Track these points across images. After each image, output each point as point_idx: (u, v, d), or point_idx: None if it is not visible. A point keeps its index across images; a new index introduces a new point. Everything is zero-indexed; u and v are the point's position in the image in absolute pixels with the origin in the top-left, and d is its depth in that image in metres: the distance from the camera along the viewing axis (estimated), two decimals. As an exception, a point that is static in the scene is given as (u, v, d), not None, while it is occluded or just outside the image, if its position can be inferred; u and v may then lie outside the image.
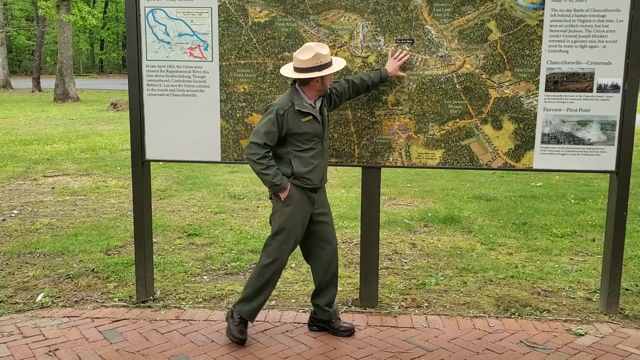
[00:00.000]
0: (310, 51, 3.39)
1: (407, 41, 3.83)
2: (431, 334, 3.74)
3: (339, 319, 3.80)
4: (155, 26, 3.98)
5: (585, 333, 3.74)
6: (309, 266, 4.90)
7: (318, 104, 3.55)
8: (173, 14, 3.95)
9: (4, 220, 6.36)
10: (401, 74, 3.82)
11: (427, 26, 3.81)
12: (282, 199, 3.50)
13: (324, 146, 3.57)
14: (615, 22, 3.72)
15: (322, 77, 3.44)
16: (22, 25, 40.05)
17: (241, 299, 3.65)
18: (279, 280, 4.56)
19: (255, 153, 3.40)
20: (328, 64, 3.43)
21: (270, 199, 3.61)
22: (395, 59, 3.79)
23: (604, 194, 7.25)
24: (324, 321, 3.77)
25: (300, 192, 3.51)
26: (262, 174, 3.43)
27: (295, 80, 3.52)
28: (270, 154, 3.46)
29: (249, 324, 3.71)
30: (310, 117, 3.46)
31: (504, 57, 3.80)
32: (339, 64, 3.52)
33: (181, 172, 9.11)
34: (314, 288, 3.79)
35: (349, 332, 3.72)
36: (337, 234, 5.81)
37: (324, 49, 3.43)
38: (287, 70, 3.51)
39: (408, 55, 3.82)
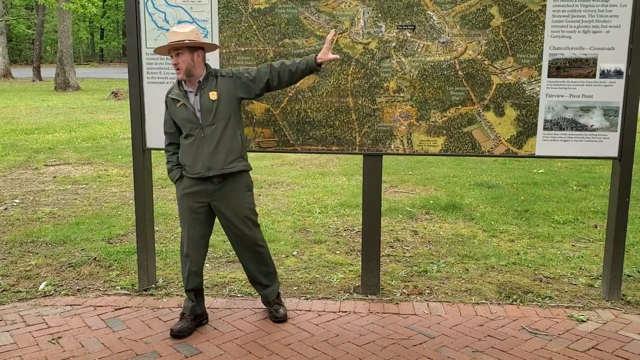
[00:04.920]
0: None
1: (409, 27, 3.80)
2: (433, 320, 3.75)
3: (276, 303, 3.80)
4: (155, 13, 3.95)
5: (587, 319, 3.74)
6: (311, 254, 4.95)
7: (198, 89, 3.48)
8: (172, 1, 3.92)
9: (5, 209, 6.37)
10: (332, 56, 3.55)
11: (428, 12, 3.78)
12: None
13: (204, 133, 3.44)
14: (619, 7, 3.69)
15: (172, 61, 3.44)
16: (22, 14, 39.80)
17: None
18: (281, 267, 4.60)
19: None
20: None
21: None
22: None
23: (606, 180, 7.23)
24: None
25: (188, 181, 3.52)
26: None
27: None
28: (171, 147, 3.60)
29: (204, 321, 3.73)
30: (181, 103, 3.48)
31: (507, 43, 3.77)
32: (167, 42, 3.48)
33: (182, 160, 9.09)
34: None
35: (277, 319, 3.72)
36: (338, 222, 5.86)
37: (170, 32, 3.46)
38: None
39: (333, 32, 3.63)
